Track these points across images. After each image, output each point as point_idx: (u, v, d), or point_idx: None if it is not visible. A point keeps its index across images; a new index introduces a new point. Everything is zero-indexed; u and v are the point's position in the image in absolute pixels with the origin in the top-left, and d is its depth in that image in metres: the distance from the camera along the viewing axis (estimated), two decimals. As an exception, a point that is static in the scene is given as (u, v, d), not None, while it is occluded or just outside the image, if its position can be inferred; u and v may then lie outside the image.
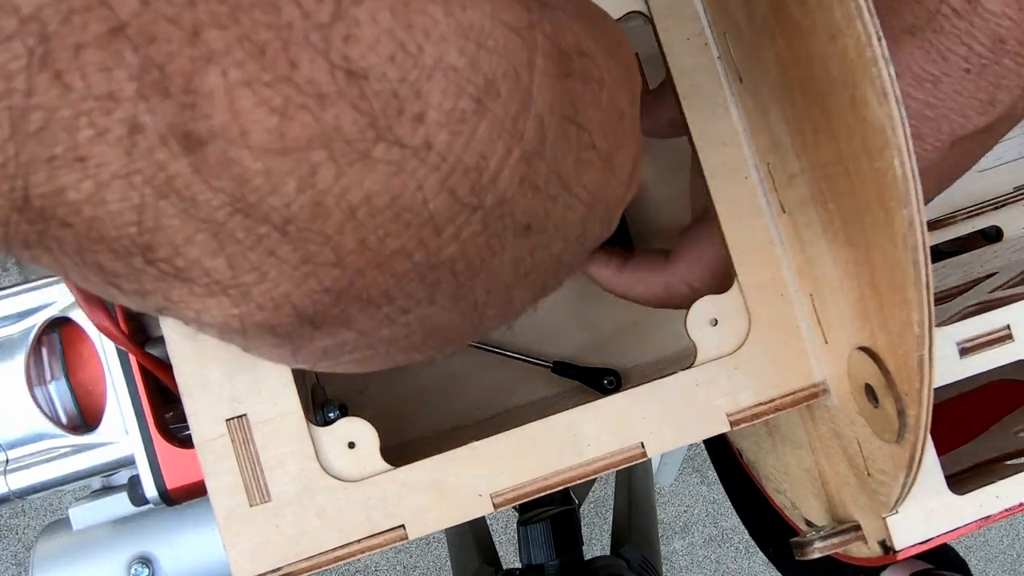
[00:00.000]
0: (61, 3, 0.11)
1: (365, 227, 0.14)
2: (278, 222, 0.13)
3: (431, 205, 0.14)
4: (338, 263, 0.14)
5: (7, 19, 0.11)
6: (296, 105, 0.12)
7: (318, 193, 0.13)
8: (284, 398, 0.27)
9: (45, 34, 0.11)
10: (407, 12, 0.12)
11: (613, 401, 0.28)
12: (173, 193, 0.12)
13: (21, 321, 0.31)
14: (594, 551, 1.24)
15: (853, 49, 0.19)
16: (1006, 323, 0.27)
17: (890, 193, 0.20)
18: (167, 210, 0.13)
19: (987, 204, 0.42)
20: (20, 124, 0.11)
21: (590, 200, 0.17)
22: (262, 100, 0.12)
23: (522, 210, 0.15)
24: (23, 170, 0.12)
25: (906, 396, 0.23)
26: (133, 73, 0.11)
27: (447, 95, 0.13)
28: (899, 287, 0.21)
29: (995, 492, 0.28)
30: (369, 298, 0.15)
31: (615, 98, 0.17)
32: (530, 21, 0.14)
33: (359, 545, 0.26)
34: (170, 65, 0.11)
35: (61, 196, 0.12)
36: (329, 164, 0.13)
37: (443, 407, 0.39)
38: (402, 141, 0.13)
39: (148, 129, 0.12)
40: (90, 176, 0.12)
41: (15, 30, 0.11)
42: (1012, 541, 1.44)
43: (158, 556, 0.33)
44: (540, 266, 0.17)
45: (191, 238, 0.13)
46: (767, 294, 0.28)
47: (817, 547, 0.30)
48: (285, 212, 0.13)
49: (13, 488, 0.30)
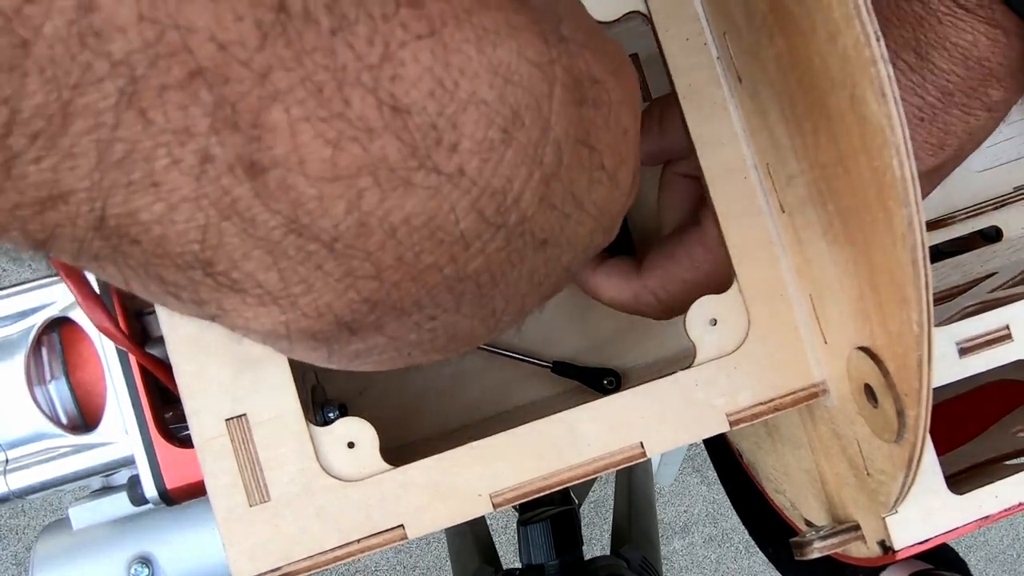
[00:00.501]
0: (148, 49, 0.12)
1: (403, 244, 0.15)
2: (327, 240, 0.15)
3: (462, 225, 0.15)
4: (377, 276, 0.16)
5: (100, 63, 0.12)
6: (348, 138, 0.14)
7: (363, 215, 0.14)
8: (284, 398, 0.27)
9: (133, 76, 0.12)
10: (445, 52, 0.14)
11: (612, 401, 0.28)
12: (236, 215, 0.14)
13: (21, 321, 0.31)
14: (594, 551, 1.24)
15: (852, 49, 0.19)
16: (1005, 323, 0.27)
17: (889, 192, 0.20)
18: (228, 229, 0.14)
19: (987, 204, 0.42)
20: (105, 154, 0.13)
21: (598, 214, 0.19)
22: (319, 133, 0.13)
23: (540, 227, 0.17)
24: (103, 194, 0.13)
25: (905, 396, 0.23)
26: (207, 110, 0.13)
27: (479, 126, 0.15)
28: (898, 286, 0.21)
29: (994, 492, 0.28)
30: (402, 307, 0.17)
31: (620, 117, 0.18)
32: (550, 56, 0.16)
33: (359, 545, 0.26)
34: (241, 103, 0.13)
35: (134, 216, 0.14)
36: (375, 189, 0.14)
37: (443, 407, 0.39)
38: (439, 168, 0.15)
39: (218, 159, 0.13)
40: (162, 199, 0.13)
41: (107, 73, 0.12)
42: (1012, 541, 1.44)
43: (158, 556, 0.33)
44: (552, 275, 0.19)
45: (248, 254, 0.14)
46: (766, 294, 0.28)
47: (816, 547, 0.30)
48: (333, 232, 0.14)
49: (13, 488, 0.30)
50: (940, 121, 0.27)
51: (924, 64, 0.26)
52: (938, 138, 0.27)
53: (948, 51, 0.26)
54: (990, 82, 0.26)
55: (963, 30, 0.25)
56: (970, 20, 0.25)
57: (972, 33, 0.25)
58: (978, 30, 0.25)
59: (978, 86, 0.26)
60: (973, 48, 0.26)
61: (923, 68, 0.26)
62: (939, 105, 0.26)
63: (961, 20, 0.25)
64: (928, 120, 0.27)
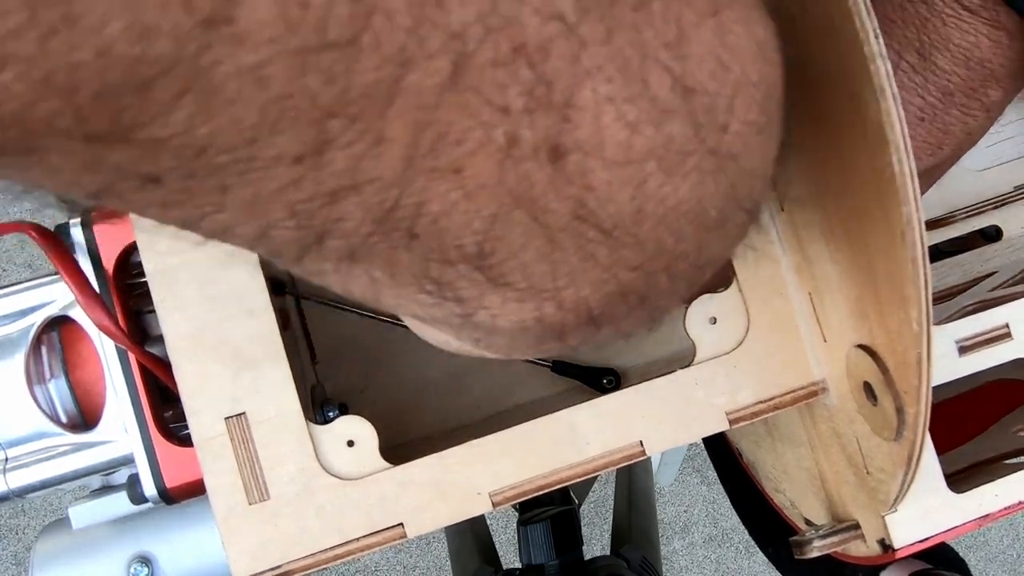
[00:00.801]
0: (483, 20, 0.11)
1: (668, 231, 0.15)
2: (607, 228, 0.14)
3: (719, 209, 0.15)
4: (639, 267, 0.15)
5: (435, 37, 0.11)
6: (645, 120, 0.13)
7: (643, 200, 0.14)
8: (284, 397, 0.27)
9: (464, 52, 0.11)
10: (722, 32, 0.13)
11: (612, 399, 0.28)
12: (529, 202, 0.13)
13: (21, 319, 0.31)
14: (594, 551, 1.24)
15: (850, 46, 0.19)
16: (1005, 321, 0.27)
17: (888, 190, 0.20)
18: (517, 219, 0.13)
19: (987, 203, 0.42)
20: (418, 138, 0.12)
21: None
22: (620, 115, 0.13)
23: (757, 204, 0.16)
24: (403, 183, 0.12)
25: (905, 394, 0.23)
26: (525, 88, 0.12)
27: (749, 108, 0.14)
28: (897, 284, 0.21)
29: (994, 491, 0.28)
30: (647, 297, 0.16)
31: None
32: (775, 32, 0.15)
33: (358, 543, 0.26)
34: (558, 81, 0.12)
35: (424, 208, 0.13)
36: (658, 174, 0.14)
37: (443, 407, 0.39)
38: (714, 151, 0.14)
39: (524, 142, 0.12)
40: (461, 187, 0.12)
41: (439, 47, 0.11)
42: (1012, 541, 1.44)
43: (157, 555, 0.33)
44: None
45: (527, 245, 0.14)
46: (766, 293, 0.28)
47: (816, 546, 0.30)
48: (615, 219, 0.14)
49: (12, 487, 0.30)
50: (940, 121, 0.27)
51: (927, 65, 0.26)
52: (937, 138, 0.27)
53: (951, 52, 0.26)
54: (990, 83, 0.26)
55: (966, 31, 0.25)
56: (973, 21, 0.25)
57: (975, 35, 0.25)
58: (980, 31, 0.25)
59: (978, 87, 0.26)
60: (975, 49, 0.26)
61: (925, 69, 0.26)
62: (939, 105, 0.26)
63: (965, 21, 0.25)
64: (928, 120, 0.27)
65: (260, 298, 0.27)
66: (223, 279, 0.27)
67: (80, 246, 0.30)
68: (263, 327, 0.27)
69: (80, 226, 0.30)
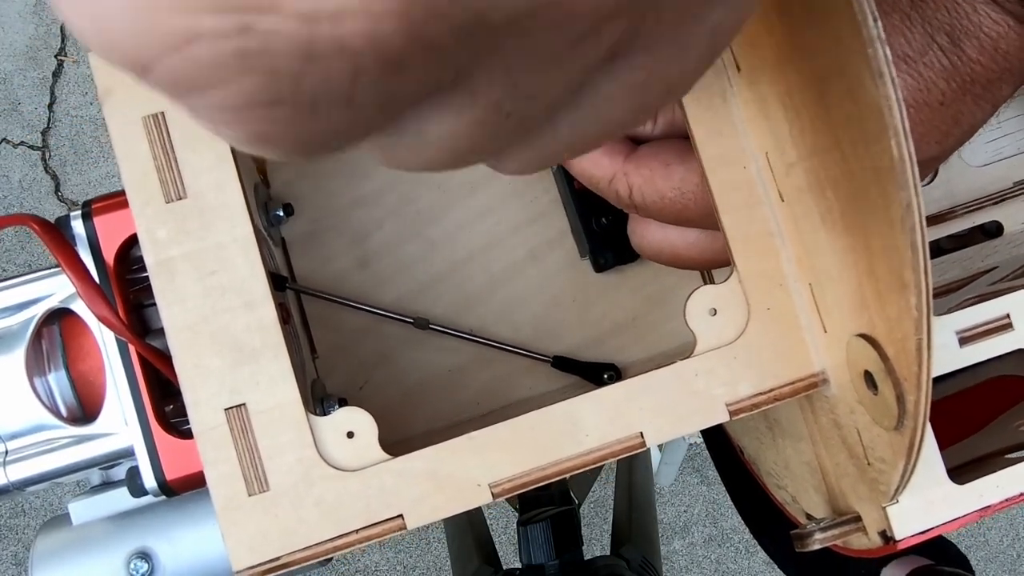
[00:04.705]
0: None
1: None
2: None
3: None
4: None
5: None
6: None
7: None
8: (283, 388, 0.27)
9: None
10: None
11: (612, 391, 0.28)
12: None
13: (21, 312, 0.31)
14: (594, 551, 1.24)
15: (848, 30, 0.19)
16: (1006, 312, 0.27)
17: (887, 176, 0.20)
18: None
19: (987, 199, 0.42)
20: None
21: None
22: None
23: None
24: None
25: (905, 381, 0.23)
26: None
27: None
28: (897, 271, 0.21)
29: (995, 482, 0.28)
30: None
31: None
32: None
33: (357, 535, 0.26)
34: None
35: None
36: None
37: (442, 402, 0.39)
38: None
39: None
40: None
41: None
42: (1012, 541, 1.43)
43: (157, 550, 0.33)
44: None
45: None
46: (766, 284, 0.28)
47: (817, 538, 0.30)
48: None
49: (12, 479, 0.30)
50: (953, 109, 0.26)
51: (956, 50, 0.26)
52: (947, 125, 0.27)
53: (979, 41, 0.25)
54: (1006, 77, 0.26)
55: (996, 22, 0.25)
56: (1000, 13, 0.25)
57: (1004, 26, 0.25)
58: (1009, 23, 0.25)
59: (995, 80, 0.26)
60: (1001, 41, 0.25)
61: (954, 53, 0.26)
62: (959, 93, 0.26)
63: (994, 12, 0.25)
64: (946, 106, 0.26)
65: (260, 290, 0.27)
66: (223, 271, 0.27)
67: (81, 238, 0.30)
68: (263, 318, 0.27)
69: (81, 218, 0.30)
